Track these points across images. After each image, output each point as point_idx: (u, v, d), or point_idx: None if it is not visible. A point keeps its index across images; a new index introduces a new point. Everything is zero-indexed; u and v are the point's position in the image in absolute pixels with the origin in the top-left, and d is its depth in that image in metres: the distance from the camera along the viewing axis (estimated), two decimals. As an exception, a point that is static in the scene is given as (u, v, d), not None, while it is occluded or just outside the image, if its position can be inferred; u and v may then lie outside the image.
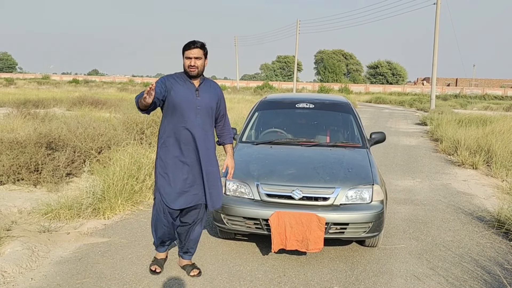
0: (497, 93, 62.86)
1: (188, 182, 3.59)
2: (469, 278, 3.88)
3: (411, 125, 19.56)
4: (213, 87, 3.74)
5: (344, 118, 5.73)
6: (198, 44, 3.54)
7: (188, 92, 3.57)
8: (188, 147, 3.58)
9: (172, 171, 3.58)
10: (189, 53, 3.52)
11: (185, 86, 3.59)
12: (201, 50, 3.55)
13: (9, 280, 3.60)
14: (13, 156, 6.34)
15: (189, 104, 3.55)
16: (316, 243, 3.89)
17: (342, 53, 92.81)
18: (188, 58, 3.54)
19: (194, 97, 3.58)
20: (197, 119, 3.57)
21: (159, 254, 3.98)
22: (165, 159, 3.61)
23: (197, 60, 3.54)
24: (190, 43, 3.54)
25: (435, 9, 28.27)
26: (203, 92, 3.63)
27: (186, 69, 3.57)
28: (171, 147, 3.59)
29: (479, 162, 9.07)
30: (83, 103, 18.02)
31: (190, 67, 3.53)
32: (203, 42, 3.58)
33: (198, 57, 3.53)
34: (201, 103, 3.60)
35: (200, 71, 3.59)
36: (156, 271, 3.82)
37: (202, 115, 3.60)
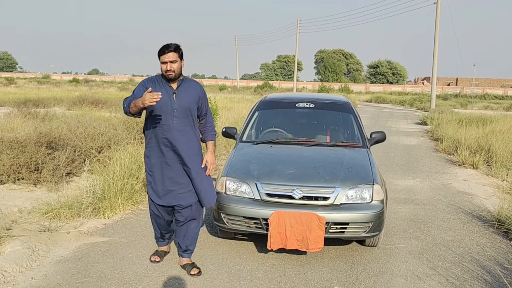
0: (497, 92, 62.85)
1: (172, 182, 3.71)
2: (469, 277, 3.88)
3: (411, 124, 19.56)
4: (193, 87, 3.77)
5: (345, 117, 5.73)
6: (172, 47, 3.59)
7: (165, 96, 3.62)
8: (168, 149, 3.68)
9: (156, 171, 3.74)
10: (164, 57, 3.58)
11: (163, 90, 3.65)
12: (176, 53, 3.60)
13: (9, 279, 3.60)
14: (13, 155, 6.34)
15: (166, 107, 3.62)
16: (316, 243, 3.89)
17: (342, 53, 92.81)
18: (164, 62, 3.60)
19: (171, 100, 3.64)
20: (173, 122, 3.65)
21: (160, 247, 4.18)
22: (150, 158, 3.77)
23: (173, 64, 3.59)
24: (164, 48, 3.59)
25: (436, 9, 28.25)
26: (181, 94, 3.69)
27: (163, 73, 3.64)
28: (153, 148, 3.73)
29: (480, 161, 9.07)
30: (84, 103, 18.02)
31: (167, 71, 3.60)
32: (177, 45, 3.63)
33: (173, 60, 3.58)
34: (178, 105, 3.65)
35: (177, 74, 3.64)
36: (155, 261, 4.01)
37: (179, 117, 3.65)
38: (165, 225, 4.00)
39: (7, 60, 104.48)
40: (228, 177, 4.36)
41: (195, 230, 3.90)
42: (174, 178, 3.71)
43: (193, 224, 3.87)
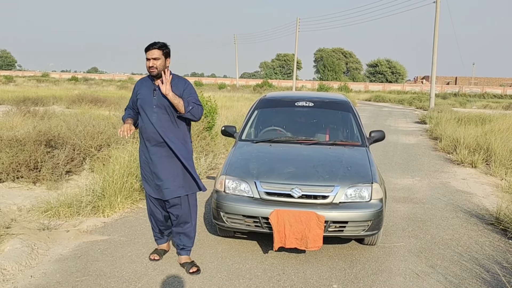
0: (496, 91, 62.93)
1: (156, 177, 3.81)
2: (468, 276, 3.89)
3: (410, 123, 19.58)
4: (174, 83, 3.77)
5: (344, 116, 5.73)
6: (157, 45, 3.68)
7: (147, 93, 3.77)
8: (150, 144, 3.79)
9: (145, 166, 3.90)
10: (148, 54, 3.68)
11: (147, 87, 3.80)
12: (160, 50, 3.67)
13: (8, 277, 3.60)
14: (12, 154, 6.34)
15: (147, 104, 3.75)
16: (315, 241, 3.90)
17: (342, 52, 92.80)
18: (147, 59, 3.69)
19: (151, 97, 3.75)
20: (153, 117, 3.73)
21: (159, 246, 4.20)
22: (141, 155, 3.94)
23: (156, 61, 3.67)
24: (150, 45, 3.68)
25: (435, 8, 28.24)
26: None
27: (147, 70, 3.72)
28: (141, 144, 3.92)
29: (478, 160, 9.08)
30: (83, 101, 18.00)
31: (149, 68, 3.69)
32: (163, 43, 3.72)
33: (156, 57, 3.66)
34: (157, 102, 3.73)
35: (160, 71, 3.69)
36: (154, 259, 4.04)
37: (158, 113, 3.73)
38: (162, 221, 4.05)
39: (6, 58, 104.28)
40: (228, 175, 4.37)
41: (189, 229, 3.95)
42: (157, 173, 3.80)
43: (186, 225, 3.93)
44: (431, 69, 28.55)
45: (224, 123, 11.46)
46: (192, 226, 3.96)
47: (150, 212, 4.07)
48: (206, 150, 8.64)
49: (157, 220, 4.05)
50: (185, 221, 3.91)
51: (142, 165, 3.94)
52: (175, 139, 3.78)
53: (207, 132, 9.55)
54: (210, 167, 7.78)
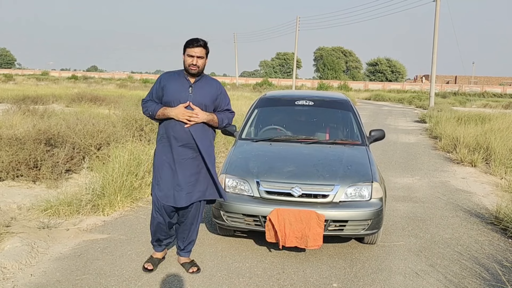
0: (496, 90, 62.91)
1: (182, 180, 3.55)
2: (467, 275, 3.89)
3: (410, 122, 19.58)
4: (210, 84, 3.65)
5: (344, 115, 5.73)
6: (201, 42, 3.48)
7: (181, 89, 3.53)
8: (180, 144, 3.53)
9: (163, 169, 3.58)
10: (192, 51, 3.46)
11: (179, 83, 3.55)
12: (204, 49, 3.51)
13: (8, 276, 3.60)
14: (12, 152, 6.33)
15: (182, 100, 3.50)
16: (315, 240, 3.90)
17: (342, 50, 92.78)
18: (190, 56, 3.48)
19: (187, 94, 3.53)
20: None
21: (155, 253, 3.94)
22: (161, 155, 3.61)
23: (199, 59, 3.49)
24: (193, 41, 3.47)
25: (435, 6, 28.23)
26: (198, 89, 3.57)
27: (186, 66, 3.52)
28: (165, 145, 3.59)
29: (478, 159, 9.09)
30: (82, 100, 18.00)
31: (191, 65, 3.48)
32: (205, 41, 3.52)
33: (200, 56, 3.48)
34: (193, 99, 3.52)
35: (201, 70, 3.54)
36: (148, 269, 3.78)
37: None
38: (165, 229, 3.78)
39: (6, 57, 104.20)
40: (228, 174, 4.37)
41: (193, 232, 3.85)
42: (184, 176, 3.54)
43: (191, 228, 3.81)
44: (431, 68, 28.54)
45: (224, 122, 11.44)
46: (196, 229, 3.87)
47: (154, 220, 3.75)
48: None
49: (161, 228, 3.77)
50: (191, 224, 3.79)
51: (160, 167, 3.61)
52: (205, 140, 3.60)
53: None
54: (210, 166, 7.76)
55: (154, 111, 3.56)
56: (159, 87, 3.60)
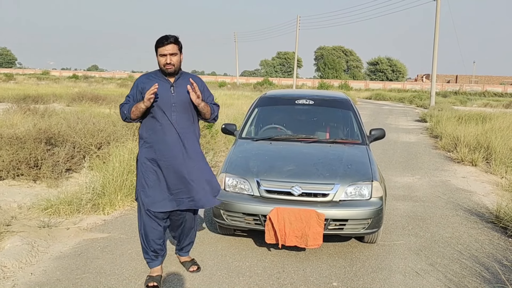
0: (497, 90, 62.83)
1: (172, 184, 3.39)
2: (467, 274, 3.89)
3: (410, 122, 19.56)
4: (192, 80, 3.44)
5: (344, 114, 5.73)
6: (171, 39, 3.30)
7: (162, 90, 3.35)
8: (167, 147, 3.38)
9: (153, 173, 3.41)
10: (163, 50, 3.29)
11: (160, 84, 3.35)
12: (175, 45, 3.32)
13: (9, 275, 3.61)
14: (12, 151, 6.34)
15: (164, 102, 3.35)
16: (315, 239, 3.90)
17: (342, 50, 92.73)
18: (162, 55, 3.31)
19: (169, 94, 3.37)
20: (172, 116, 3.37)
21: (153, 271, 3.60)
22: (146, 160, 3.43)
23: (173, 57, 3.32)
24: (163, 39, 3.30)
25: (435, 6, 28.20)
26: (180, 87, 3.41)
27: (161, 67, 3.36)
28: (150, 149, 3.42)
29: (479, 159, 9.08)
30: (83, 99, 18.01)
31: (166, 65, 3.32)
32: (176, 36, 3.35)
33: (173, 53, 3.31)
34: (176, 99, 3.38)
35: (177, 68, 3.38)
36: (154, 286, 3.48)
37: (179, 112, 3.39)
38: (160, 236, 3.54)
39: (6, 56, 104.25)
40: (228, 173, 4.37)
41: (192, 233, 3.78)
42: (174, 180, 3.39)
43: (190, 231, 3.74)
44: (432, 67, 28.51)
45: (225, 121, 11.46)
46: (195, 230, 3.81)
47: (144, 229, 3.51)
48: (206, 148, 8.64)
49: (154, 238, 3.51)
50: (190, 228, 3.72)
51: (145, 173, 3.42)
52: (193, 140, 3.48)
53: (208, 130, 9.56)
54: (210, 165, 7.74)
55: (129, 111, 3.39)
56: (137, 91, 3.42)
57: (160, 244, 3.56)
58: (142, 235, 3.55)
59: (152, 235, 3.50)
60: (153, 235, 3.50)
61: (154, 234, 3.51)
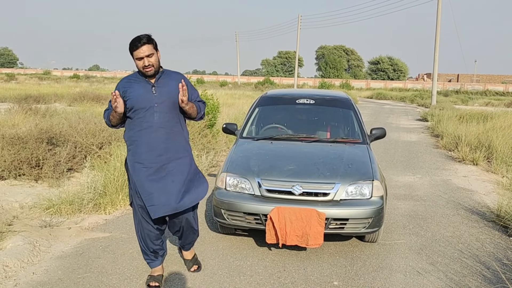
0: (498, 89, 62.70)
1: (155, 191, 3.28)
2: (468, 273, 3.90)
3: (412, 121, 19.55)
4: (174, 78, 3.37)
5: (345, 113, 5.73)
6: (144, 39, 3.16)
7: (143, 91, 3.27)
8: (152, 150, 3.29)
9: (142, 178, 3.31)
10: (138, 53, 3.16)
11: (141, 85, 3.29)
12: (150, 44, 3.19)
13: (10, 274, 3.62)
14: (14, 151, 6.36)
15: (146, 103, 3.25)
16: (316, 239, 3.91)
17: (343, 49, 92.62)
18: (139, 58, 3.19)
19: (150, 95, 3.27)
20: (155, 117, 3.28)
21: (154, 270, 3.59)
22: (134, 164, 3.34)
23: (150, 58, 3.19)
24: (136, 41, 3.16)
25: (437, 5, 28.17)
26: (162, 86, 3.31)
27: (141, 70, 3.25)
28: (136, 153, 3.33)
29: (480, 158, 9.07)
30: (84, 99, 18.04)
31: (145, 67, 3.20)
32: (148, 35, 3.21)
33: (149, 54, 3.18)
34: (159, 99, 3.27)
35: (157, 68, 3.26)
36: (155, 285, 3.48)
37: (161, 112, 3.29)
38: (157, 237, 3.51)
39: (8, 56, 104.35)
40: (229, 173, 4.38)
41: (197, 231, 3.74)
42: (163, 184, 3.29)
43: (195, 228, 3.67)
44: (433, 67, 28.47)
45: (226, 120, 11.47)
46: (197, 227, 3.71)
47: (141, 232, 3.47)
48: (208, 147, 8.65)
49: (151, 240, 3.48)
50: (191, 228, 3.63)
51: (134, 176, 3.33)
52: (180, 140, 3.41)
53: (209, 130, 9.57)
54: (212, 164, 7.79)
55: (108, 117, 3.35)
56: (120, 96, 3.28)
57: (158, 245, 3.55)
58: (140, 237, 3.52)
59: (149, 237, 3.48)
60: (150, 237, 3.48)
61: (151, 236, 3.48)
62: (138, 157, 3.32)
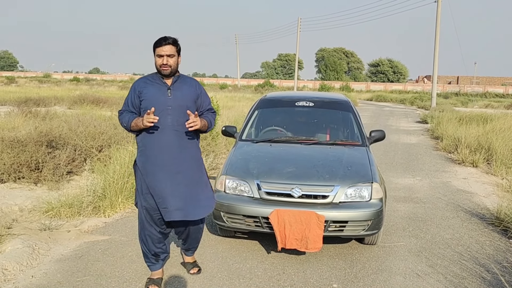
0: (498, 91, 62.77)
1: (167, 194, 3.32)
2: (468, 275, 3.89)
3: (411, 123, 19.56)
4: (189, 84, 3.47)
5: (344, 116, 5.74)
6: (170, 40, 3.27)
7: (159, 93, 3.34)
8: (164, 152, 3.33)
9: (151, 181, 3.35)
10: (161, 50, 3.27)
11: (156, 87, 3.36)
12: (174, 46, 3.30)
13: (9, 277, 3.62)
14: (14, 154, 6.36)
15: (160, 105, 3.29)
16: (315, 242, 3.90)
17: (343, 51, 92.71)
18: (159, 56, 3.29)
19: (165, 97, 3.33)
20: (168, 120, 3.31)
21: (154, 273, 3.58)
22: (144, 166, 3.39)
23: (170, 58, 3.29)
24: (161, 40, 3.28)
25: (436, 7, 28.21)
26: (177, 90, 3.38)
27: (158, 68, 3.34)
28: (149, 155, 3.37)
29: (479, 160, 9.08)
30: (84, 102, 18.04)
31: (162, 66, 3.29)
32: (175, 38, 3.32)
33: (170, 54, 3.28)
34: (173, 102, 3.33)
35: (174, 70, 3.35)
36: None
37: (174, 115, 3.32)
38: (159, 240, 3.52)
39: (8, 59, 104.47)
40: (228, 175, 4.38)
41: (199, 231, 3.73)
42: (173, 188, 3.33)
43: (197, 226, 3.67)
44: (433, 69, 28.52)
45: (226, 123, 11.47)
46: (202, 226, 3.73)
47: (144, 235, 3.48)
48: (207, 150, 8.65)
49: (154, 242, 3.48)
50: (198, 233, 3.69)
51: (148, 178, 3.37)
52: (192, 144, 3.46)
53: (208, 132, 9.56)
54: (211, 167, 7.79)
55: (129, 123, 3.36)
56: (135, 95, 3.38)
57: (160, 248, 3.55)
58: (142, 240, 3.53)
59: (151, 240, 3.48)
60: (152, 240, 3.48)
61: (154, 239, 3.49)
62: (150, 159, 3.37)
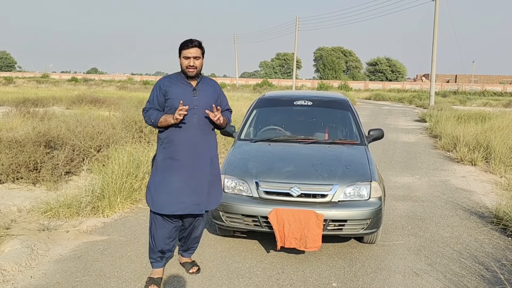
0: (496, 89, 62.91)
1: (186, 188, 3.42)
2: (467, 273, 3.89)
3: (410, 122, 19.57)
4: (211, 85, 3.64)
5: (342, 115, 5.74)
6: (196, 42, 3.42)
7: (184, 93, 3.46)
8: (188, 149, 3.44)
9: (169, 177, 3.43)
10: (187, 52, 3.40)
11: (182, 87, 3.48)
12: (199, 49, 3.44)
13: (8, 278, 3.61)
14: (12, 155, 6.35)
15: (186, 104, 3.37)
16: (314, 241, 3.90)
17: (342, 50, 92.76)
18: (186, 58, 3.42)
19: (191, 97, 3.46)
20: (194, 119, 3.44)
21: (155, 272, 3.63)
22: (165, 162, 3.47)
23: (196, 60, 3.42)
24: (188, 42, 3.41)
25: (434, 6, 28.23)
26: (201, 90, 3.52)
27: (184, 69, 3.46)
28: (172, 151, 3.45)
29: (478, 158, 9.09)
30: (82, 102, 18.03)
31: (189, 67, 3.42)
32: (200, 41, 3.46)
33: (196, 56, 3.42)
34: (198, 102, 3.46)
35: (199, 71, 3.48)
36: None
37: (199, 114, 3.46)
38: (170, 235, 3.56)
39: (6, 60, 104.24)
40: (227, 175, 4.37)
41: (200, 231, 3.79)
42: (188, 185, 3.43)
43: (200, 226, 3.75)
44: (431, 67, 28.52)
45: (224, 122, 11.45)
46: (204, 226, 3.82)
47: (155, 228, 3.54)
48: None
49: (164, 237, 3.55)
50: (200, 230, 3.78)
51: (162, 172, 3.44)
52: (213, 144, 3.62)
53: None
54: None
55: (156, 119, 3.44)
56: (160, 93, 3.49)
57: (168, 244, 3.59)
58: (152, 234, 3.57)
59: (162, 234, 3.53)
60: (163, 233, 3.53)
61: (164, 233, 3.53)
62: (173, 155, 3.45)
